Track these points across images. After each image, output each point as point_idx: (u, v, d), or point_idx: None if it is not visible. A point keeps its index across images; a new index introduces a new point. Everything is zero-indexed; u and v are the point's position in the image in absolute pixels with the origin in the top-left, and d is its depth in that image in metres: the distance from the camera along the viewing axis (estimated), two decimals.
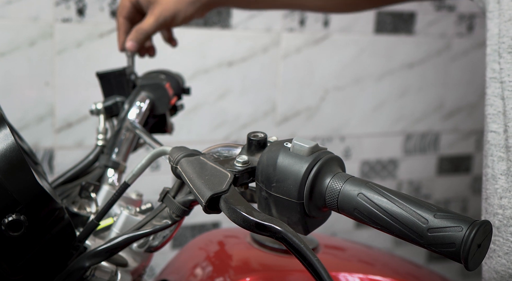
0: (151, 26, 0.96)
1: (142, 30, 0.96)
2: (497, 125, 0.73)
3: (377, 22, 2.01)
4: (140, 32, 0.96)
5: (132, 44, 0.96)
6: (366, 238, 2.19)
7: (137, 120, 0.88)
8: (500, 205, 0.72)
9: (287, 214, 0.54)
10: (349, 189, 0.51)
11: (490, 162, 0.74)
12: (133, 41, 0.96)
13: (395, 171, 2.20)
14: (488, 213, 0.75)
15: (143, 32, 0.96)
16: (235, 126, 1.88)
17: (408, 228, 0.47)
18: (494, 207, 0.73)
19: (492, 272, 0.75)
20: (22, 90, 1.58)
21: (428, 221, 0.46)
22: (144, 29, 0.96)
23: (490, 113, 0.74)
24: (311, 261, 0.43)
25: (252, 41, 1.84)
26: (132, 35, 0.97)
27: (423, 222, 0.46)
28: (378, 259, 1.08)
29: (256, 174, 0.56)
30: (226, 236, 1.06)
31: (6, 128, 0.56)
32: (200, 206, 0.63)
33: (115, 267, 0.68)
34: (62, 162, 1.67)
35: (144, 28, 0.96)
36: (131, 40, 0.96)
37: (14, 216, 0.54)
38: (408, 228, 0.47)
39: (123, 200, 0.81)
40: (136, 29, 0.97)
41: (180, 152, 0.58)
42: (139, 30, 0.96)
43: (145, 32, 0.96)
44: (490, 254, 0.74)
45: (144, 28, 0.96)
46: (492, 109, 0.74)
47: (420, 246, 0.48)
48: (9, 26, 1.54)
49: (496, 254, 0.73)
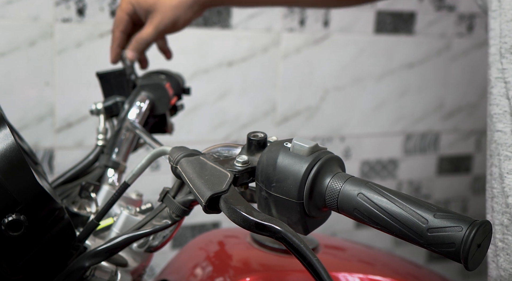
0: (151, 35, 0.96)
1: (142, 39, 0.96)
2: (503, 125, 0.73)
3: (377, 22, 2.01)
4: (140, 42, 0.96)
5: (132, 54, 0.96)
6: (366, 238, 2.19)
7: (137, 120, 0.88)
8: (507, 203, 0.72)
9: (287, 214, 0.54)
10: (349, 189, 0.51)
11: (496, 161, 0.74)
12: (133, 51, 0.97)
13: (395, 171, 2.20)
14: (495, 212, 0.75)
15: (143, 41, 0.96)
16: (235, 126, 1.88)
17: (408, 228, 0.47)
18: (502, 206, 0.74)
19: (499, 270, 0.75)
20: (22, 90, 1.58)
21: (428, 221, 0.46)
22: (144, 38, 0.96)
23: (496, 113, 0.75)
24: (311, 261, 0.43)
25: (252, 41, 1.84)
26: (132, 45, 0.97)
27: (423, 222, 0.46)
28: (378, 259, 1.08)
29: (256, 174, 0.56)
30: (226, 236, 1.06)
31: (6, 128, 0.56)
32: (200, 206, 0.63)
33: (115, 267, 0.68)
34: (62, 162, 1.67)
35: (144, 38, 0.96)
36: (132, 50, 0.97)
37: (14, 216, 0.54)
38: (408, 228, 0.47)
39: (123, 200, 0.81)
40: (136, 39, 0.96)
41: (180, 152, 0.58)
42: (139, 40, 0.96)
43: (145, 41, 0.96)
44: (498, 253, 0.75)
45: (144, 37, 0.96)
46: (498, 108, 0.74)
47: (420, 246, 0.48)
48: (9, 26, 1.54)
49: (505, 252, 0.73)
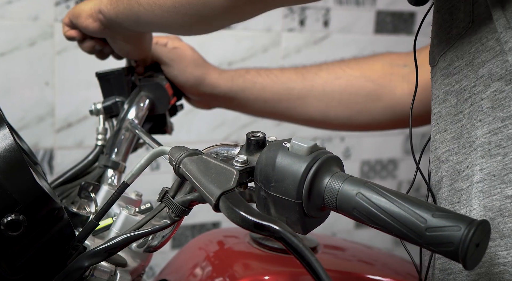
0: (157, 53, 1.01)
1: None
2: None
3: (377, 22, 2.01)
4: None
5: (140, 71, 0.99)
6: (366, 238, 2.18)
7: (136, 120, 0.88)
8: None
9: (285, 213, 0.54)
10: (348, 188, 0.51)
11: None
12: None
13: (395, 171, 2.20)
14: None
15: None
16: (235, 126, 1.88)
17: (407, 228, 0.47)
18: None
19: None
20: (22, 90, 1.58)
21: (427, 220, 0.46)
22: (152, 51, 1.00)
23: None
24: (310, 260, 0.43)
25: (252, 41, 1.84)
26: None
27: (421, 222, 0.46)
28: (378, 259, 1.08)
29: (255, 174, 0.56)
30: (226, 236, 1.06)
31: (5, 128, 0.56)
32: (200, 205, 0.63)
33: (114, 267, 0.68)
34: (62, 162, 1.67)
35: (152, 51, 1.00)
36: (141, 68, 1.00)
37: (13, 216, 0.54)
38: (407, 228, 0.47)
39: (122, 200, 0.81)
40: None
41: (181, 151, 0.58)
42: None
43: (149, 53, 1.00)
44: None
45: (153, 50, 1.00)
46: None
47: (418, 245, 0.48)
48: (9, 26, 1.54)
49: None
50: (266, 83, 1.06)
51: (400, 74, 1.03)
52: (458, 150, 0.64)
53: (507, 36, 0.57)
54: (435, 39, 0.68)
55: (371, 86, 1.04)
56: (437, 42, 0.68)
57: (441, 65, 0.67)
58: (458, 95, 0.64)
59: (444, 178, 0.66)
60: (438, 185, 0.68)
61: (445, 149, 0.66)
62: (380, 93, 1.04)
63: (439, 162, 0.67)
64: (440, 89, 0.67)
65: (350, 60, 1.10)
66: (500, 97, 0.59)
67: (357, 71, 1.06)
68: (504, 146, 0.58)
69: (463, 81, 0.63)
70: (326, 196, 0.52)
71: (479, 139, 0.60)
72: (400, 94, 1.03)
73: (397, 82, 1.03)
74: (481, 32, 0.60)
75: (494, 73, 0.59)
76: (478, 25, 0.61)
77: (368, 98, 1.04)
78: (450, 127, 0.65)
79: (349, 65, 1.07)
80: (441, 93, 0.67)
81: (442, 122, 0.67)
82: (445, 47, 0.66)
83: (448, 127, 0.66)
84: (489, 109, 0.60)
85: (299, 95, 1.06)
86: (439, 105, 0.67)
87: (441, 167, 0.67)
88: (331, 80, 1.06)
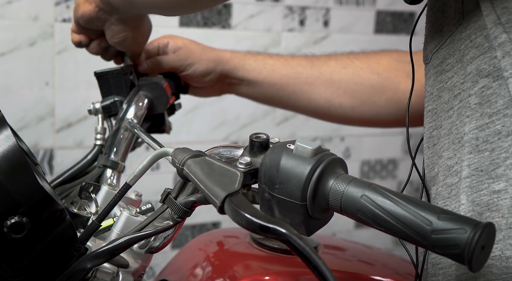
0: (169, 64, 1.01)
1: (162, 65, 1.00)
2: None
3: (377, 22, 2.01)
4: (158, 66, 1.00)
5: (144, 67, 0.99)
6: (366, 238, 2.18)
7: (135, 119, 0.87)
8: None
9: (290, 215, 0.54)
10: (353, 191, 0.51)
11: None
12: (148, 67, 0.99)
13: (395, 171, 2.20)
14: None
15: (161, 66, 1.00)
16: (235, 126, 1.88)
17: (412, 230, 0.47)
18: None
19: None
20: (22, 90, 1.58)
21: (432, 223, 0.46)
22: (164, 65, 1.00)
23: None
24: (316, 263, 0.43)
25: (252, 41, 1.84)
26: (151, 63, 1.00)
27: (427, 224, 0.46)
28: (378, 259, 1.08)
29: (259, 176, 0.55)
30: (226, 236, 1.06)
31: (8, 129, 0.56)
32: (202, 206, 0.63)
33: (117, 268, 0.68)
34: (62, 162, 1.67)
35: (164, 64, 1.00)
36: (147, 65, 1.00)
37: (16, 218, 0.54)
38: (412, 230, 0.47)
39: (123, 200, 0.80)
40: (157, 62, 1.00)
41: (184, 153, 0.58)
42: (159, 63, 1.00)
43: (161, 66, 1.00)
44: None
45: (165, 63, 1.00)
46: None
47: (424, 248, 0.48)
48: (9, 26, 1.54)
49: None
50: (276, 65, 1.08)
51: (405, 70, 1.05)
52: (448, 146, 0.65)
53: (497, 32, 0.58)
54: (428, 37, 0.69)
55: (376, 79, 1.06)
56: (430, 39, 0.69)
57: (434, 62, 0.68)
58: (450, 92, 0.65)
59: (439, 174, 0.67)
60: (433, 181, 0.68)
61: (441, 145, 0.66)
62: (384, 86, 1.06)
63: (437, 158, 0.68)
64: (434, 86, 0.68)
65: (359, 53, 1.12)
66: (487, 93, 0.59)
67: (365, 63, 1.08)
68: (491, 141, 0.59)
69: (454, 78, 0.64)
70: (331, 198, 0.52)
71: (467, 135, 0.61)
72: (404, 90, 1.04)
73: (401, 78, 1.05)
74: (470, 29, 0.61)
75: (482, 69, 0.60)
76: (468, 22, 0.62)
77: (373, 90, 1.06)
78: (444, 124, 0.66)
79: (358, 57, 1.09)
80: (435, 90, 0.68)
81: (438, 118, 0.67)
82: (437, 45, 0.67)
83: (442, 124, 0.67)
84: (476, 105, 0.60)
85: (307, 80, 1.07)
86: (434, 102, 0.68)
87: (437, 163, 0.67)
88: (339, 69, 1.08)
